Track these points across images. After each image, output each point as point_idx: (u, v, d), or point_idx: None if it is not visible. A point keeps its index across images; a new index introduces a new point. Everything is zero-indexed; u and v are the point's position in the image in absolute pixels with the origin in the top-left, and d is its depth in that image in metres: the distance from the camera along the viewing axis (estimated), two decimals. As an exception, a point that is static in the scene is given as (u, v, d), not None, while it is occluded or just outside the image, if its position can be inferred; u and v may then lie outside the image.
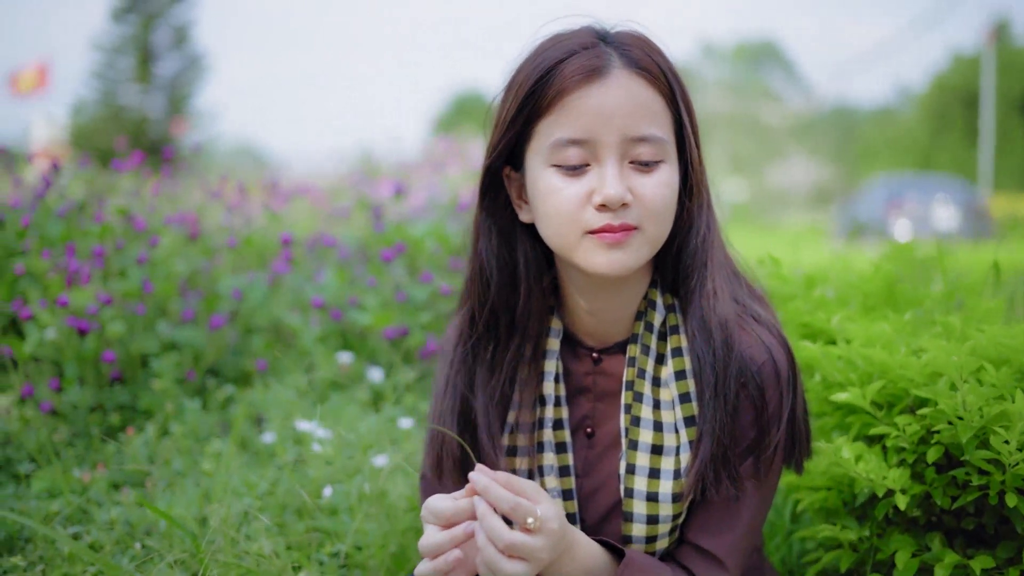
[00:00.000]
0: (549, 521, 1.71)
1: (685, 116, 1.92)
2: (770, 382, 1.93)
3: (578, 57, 1.84)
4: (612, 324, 2.03)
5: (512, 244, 2.00)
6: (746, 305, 2.01)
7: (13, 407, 3.65)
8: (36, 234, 4.43)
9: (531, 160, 1.90)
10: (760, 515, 2.00)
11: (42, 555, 2.71)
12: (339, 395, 3.53)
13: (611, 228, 1.83)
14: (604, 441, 2.04)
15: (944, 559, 2.14)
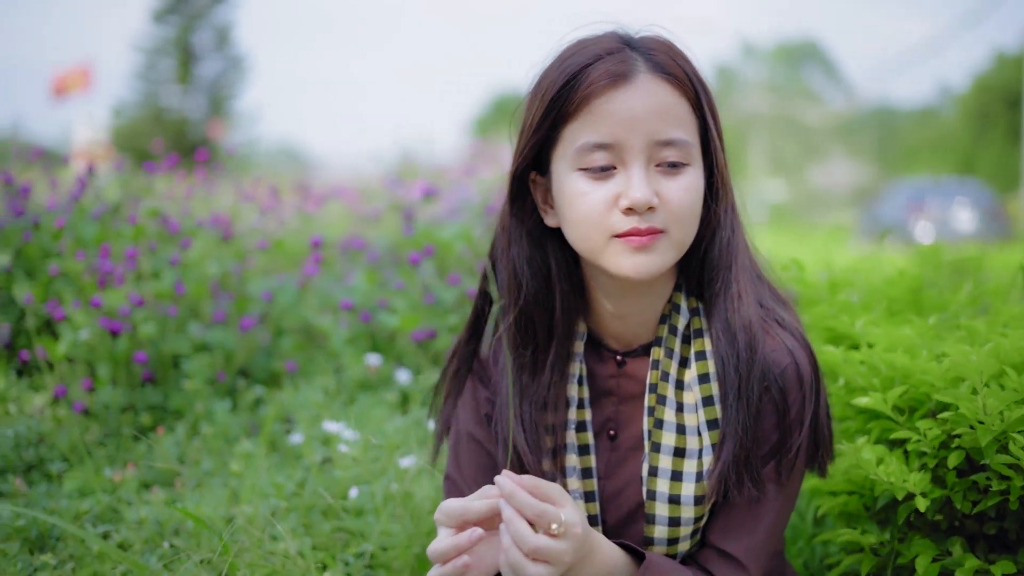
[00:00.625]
0: (574, 526, 1.73)
1: (710, 119, 1.93)
2: (793, 386, 1.94)
3: (604, 62, 1.85)
4: (637, 327, 2.03)
5: (543, 248, 2.00)
6: (770, 309, 2.02)
7: (47, 407, 3.70)
8: (71, 236, 4.48)
9: (557, 164, 1.91)
10: (782, 519, 2.00)
11: (72, 553, 2.74)
12: (367, 397, 3.55)
13: (638, 232, 1.84)
14: (627, 443, 2.05)
15: (965, 564, 2.14)
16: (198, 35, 40.12)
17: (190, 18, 39.88)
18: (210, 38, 40.24)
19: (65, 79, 21.04)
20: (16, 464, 3.41)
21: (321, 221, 6.18)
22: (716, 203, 1.97)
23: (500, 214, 2.05)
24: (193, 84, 40.16)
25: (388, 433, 3.04)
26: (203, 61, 40.34)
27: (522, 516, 1.72)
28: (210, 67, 40.40)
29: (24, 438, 3.48)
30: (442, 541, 1.77)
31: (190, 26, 39.93)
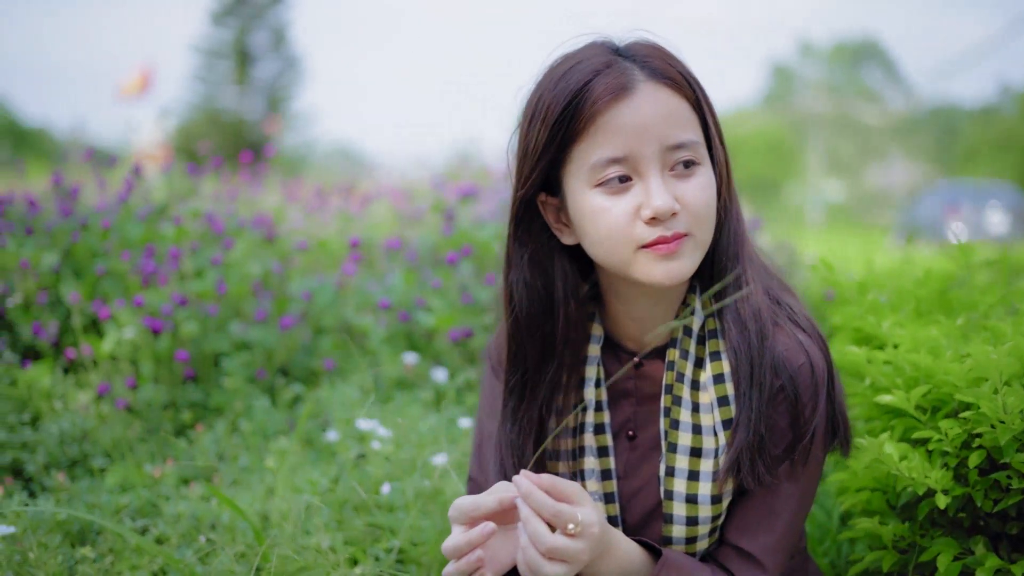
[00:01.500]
0: (591, 526, 1.76)
1: (708, 116, 1.96)
2: (806, 384, 1.95)
3: (602, 76, 1.86)
4: (653, 329, 2.05)
5: (546, 269, 2.01)
6: (779, 299, 2.05)
7: (91, 404, 3.77)
8: (118, 236, 4.56)
9: (571, 184, 1.92)
10: (799, 516, 2.02)
11: (111, 547, 2.79)
12: (403, 395, 3.59)
13: (664, 239, 1.86)
14: (646, 444, 2.07)
15: (986, 563, 2.14)
16: (255, 36, 40.42)
17: (247, 19, 40.18)
18: (267, 39, 40.53)
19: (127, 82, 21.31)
20: (60, 460, 3.48)
21: (367, 222, 6.23)
22: (720, 197, 1.99)
23: (506, 241, 2.05)
24: (250, 85, 40.47)
25: (421, 431, 3.08)
26: (260, 62, 40.64)
27: (539, 516, 1.75)
28: (267, 68, 40.71)
29: (68, 434, 3.55)
30: (455, 537, 1.81)
31: (247, 27, 40.24)
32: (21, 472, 3.45)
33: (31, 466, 3.41)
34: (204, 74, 40.92)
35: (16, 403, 3.81)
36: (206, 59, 40.98)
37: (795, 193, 49.20)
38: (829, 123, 54.24)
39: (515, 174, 1.97)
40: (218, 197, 5.36)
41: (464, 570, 1.81)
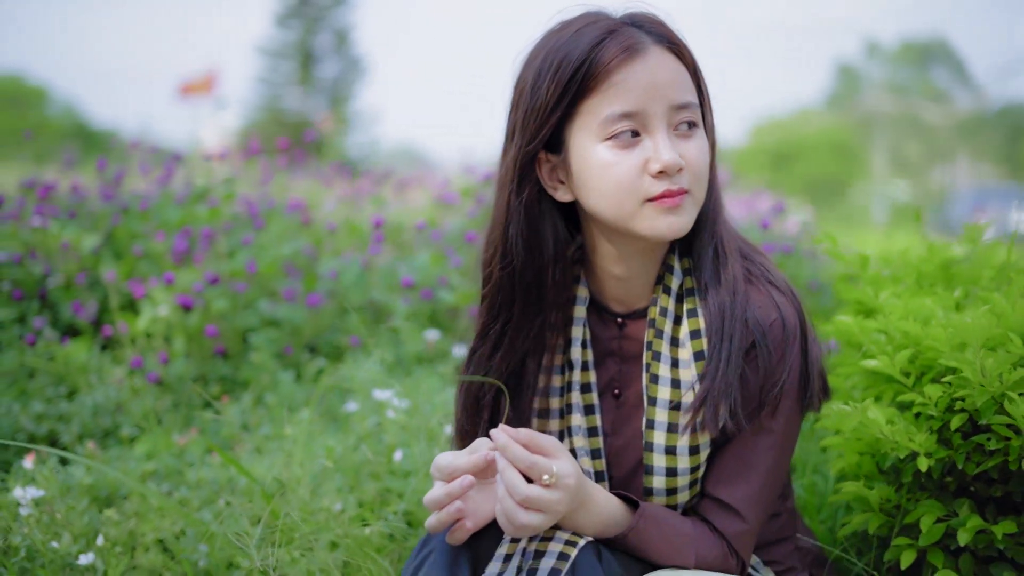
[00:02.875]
0: (566, 477, 1.84)
1: (703, 85, 2.06)
2: (777, 337, 2.02)
3: (615, 37, 1.94)
4: (637, 289, 2.13)
5: (538, 225, 2.06)
6: (753, 260, 2.13)
7: (125, 378, 3.89)
8: (157, 219, 4.69)
9: (576, 139, 1.98)
10: (776, 469, 2.07)
11: (136, 510, 2.91)
12: (423, 369, 3.68)
13: (671, 193, 1.94)
14: (631, 401, 2.14)
15: (967, 524, 2.19)
16: (318, 38, 40.62)
17: (311, 21, 40.41)
18: (330, 40, 40.70)
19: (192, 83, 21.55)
20: (93, 430, 3.62)
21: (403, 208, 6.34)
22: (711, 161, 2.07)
23: (500, 197, 2.09)
24: (313, 85, 40.68)
25: (436, 403, 3.17)
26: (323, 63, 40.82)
27: (515, 468, 1.83)
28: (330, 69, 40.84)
29: (102, 407, 3.68)
30: (436, 490, 1.90)
31: (311, 29, 40.47)
32: (56, 442, 3.58)
33: (66, 436, 3.54)
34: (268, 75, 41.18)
35: (54, 378, 3.95)
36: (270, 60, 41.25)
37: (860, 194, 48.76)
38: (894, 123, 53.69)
39: (519, 130, 2.01)
40: (256, 182, 5.48)
41: (444, 520, 1.90)
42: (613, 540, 1.98)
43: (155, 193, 5.11)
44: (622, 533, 1.97)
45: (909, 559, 2.25)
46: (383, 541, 2.66)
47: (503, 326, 2.12)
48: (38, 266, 4.50)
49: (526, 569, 1.89)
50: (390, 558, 2.66)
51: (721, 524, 2.05)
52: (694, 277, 2.09)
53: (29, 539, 2.72)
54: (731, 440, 2.05)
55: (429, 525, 1.92)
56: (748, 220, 5.27)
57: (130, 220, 4.77)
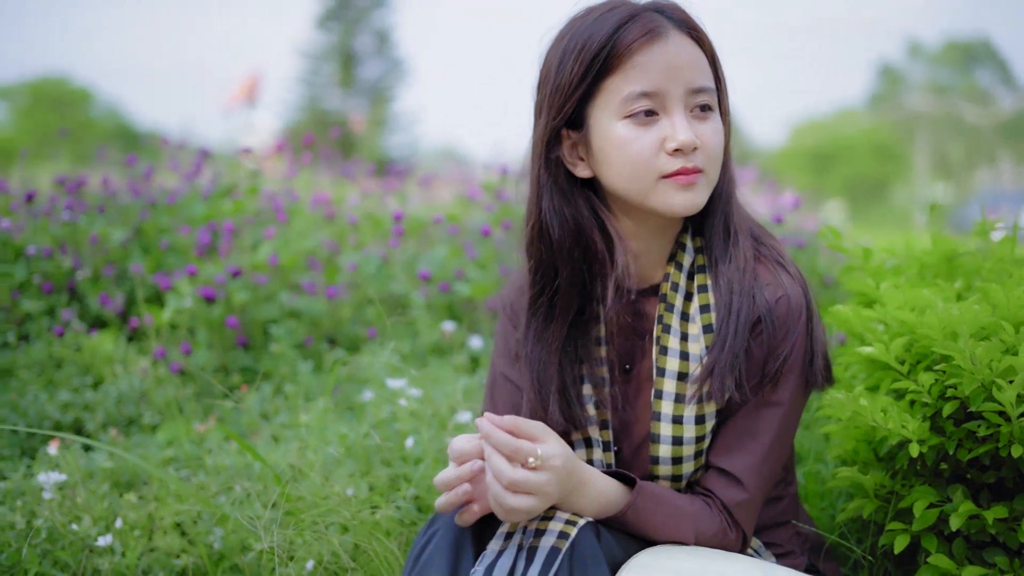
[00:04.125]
0: (552, 459, 1.89)
1: (720, 72, 2.15)
2: (783, 312, 2.10)
3: (636, 21, 2.04)
4: (650, 266, 2.20)
5: (571, 200, 2.14)
6: (763, 241, 2.21)
7: (149, 368, 3.98)
8: (184, 214, 4.78)
9: (597, 116, 2.07)
10: (780, 441, 2.13)
11: (155, 495, 2.98)
12: (439, 360, 3.73)
13: (686, 171, 2.03)
14: (641, 376, 2.21)
15: (959, 509, 2.22)
16: (359, 39, 40.78)
17: (351, 23, 40.56)
18: (371, 42, 40.86)
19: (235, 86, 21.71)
20: (117, 419, 3.70)
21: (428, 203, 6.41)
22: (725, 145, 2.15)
23: (531, 173, 2.19)
24: (354, 87, 40.85)
25: (449, 392, 3.23)
26: (364, 64, 40.99)
27: (501, 453, 1.89)
28: (371, 70, 40.98)
29: (126, 396, 3.76)
30: (447, 472, 1.98)
31: (351, 31, 40.62)
32: (81, 431, 3.66)
33: (90, 424, 3.62)
34: (309, 77, 41.40)
35: (81, 368, 4.05)
36: (311, 62, 41.45)
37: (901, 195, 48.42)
38: (936, 124, 53.28)
39: (545, 109, 2.11)
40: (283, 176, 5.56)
41: (453, 501, 1.97)
42: (612, 520, 2.03)
43: (183, 189, 5.20)
44: (621, 511, 2.02)
45: (903, 544, 2.27)
46: (392, 525, 2.71)
47: (551, 297, 2.19)
48: (68, 259, 4.59)
49: (527, 547, 1.95)
50: (399, 541, 2.72)
51: (721, 492, 2.10)
52: (705, 255, 2.17)
53: (50, 522, 2.80)
54: (735, 412, 2.11)
55: (438, 504, 1.99)
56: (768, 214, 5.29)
57: (158, 215, 4.86)
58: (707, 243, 2.17)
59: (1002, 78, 58.77)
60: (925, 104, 53.40)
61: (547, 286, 2.19)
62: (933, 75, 57.91)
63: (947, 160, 52.84)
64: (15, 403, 3.64)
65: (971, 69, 58.36)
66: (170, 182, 6.00)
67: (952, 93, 56.05)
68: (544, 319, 2.21)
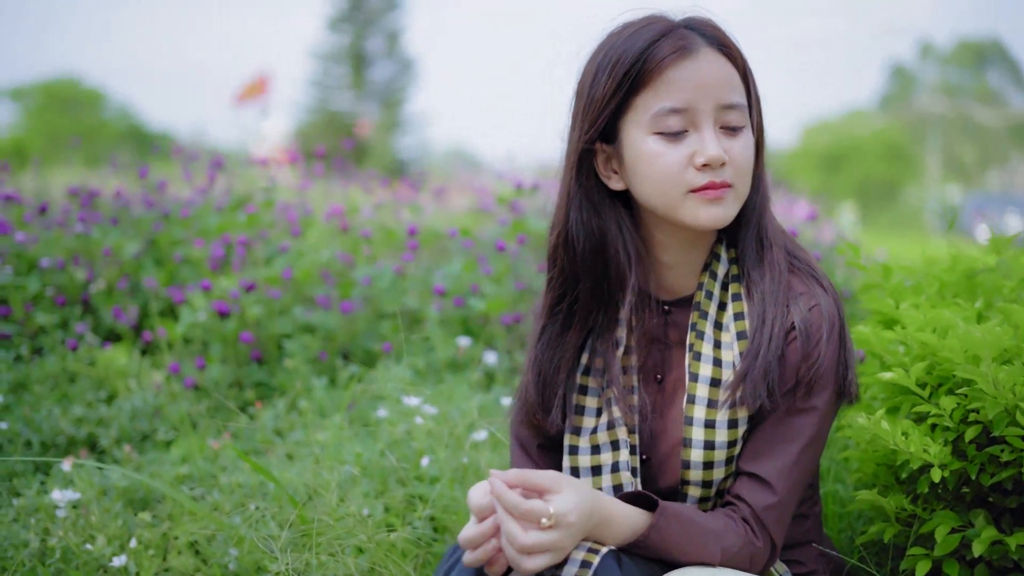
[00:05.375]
0: (565, 515, 1.87)
1: (752, 89, 2.16)
2: (816, 322, 2.10)
3: (668, 38, 2.05)
4: (684, 277, 2.22)
5: (600, 213, 2.17)
6: (796, 254, 2.22)
7: (163, 383, 3.97)
8: (197, 226, 4.76)
9: (628, 131, 2.09)
10: (810, 449, 2.12)
11: (170, 513, 2.97)
12: (454, 376, 3.72)
13: (713, 185, 2.05)
14: (672, 387, 2.21)
15: (982, 535, 2.20)
16: (370, 41, 40.87)
17: (362, 25, 40.65)
18: (381, 44, 40.95)
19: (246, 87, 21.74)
20: (131, 434, 3.69)
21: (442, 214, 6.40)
22: (757, 160, 2.17)
23: (562, 184, 2.22)
24: (365, 89, 40.94)
25: (465, 409, 3.21)
26: (375, 66, 41.09)
27: (512, 516, 1.88)
28: (382, 72, 41.11)
29: (140, 411, 3.76)
30: (469, 529, 1.95)
31: (362, 33, 40.71)
32: (95, 446, 3.66)
33: (104, 440, 3.61)
34: (320, 78, 41.50)
35: (94, 382, 4.04)
36: (322, 64, 41.56)
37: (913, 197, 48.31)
38: (948, 125, 53.15)
39: (578, 123, 2.14)
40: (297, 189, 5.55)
41: (481, 558, 1.95)
42: (635, 544, 2.01)
43: (197, 200, 5.20)
44: (644, 534, 2.00)
45: (924, 569, 2.26)
46: (408, 546, 2.70)
47: (570, 305, 2.22)
48: (81, 272, 4.59)
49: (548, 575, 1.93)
50: (415, 563, 2.71)
51: (750, 496, 2.09)
52: (739, 265, 2.19)
53: (64, 541, 2.79)
54: (766, 419, 2.11)
55: (466, 561, 1.97)
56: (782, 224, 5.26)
57: (171, 227, 4.86)
58: (740, 254, 2.19)
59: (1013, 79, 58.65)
60: (937, 105, 53.29)
61: (567, 294, 2.21)
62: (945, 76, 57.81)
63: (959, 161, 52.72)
64: (29, 418, 3.63)
65: (983, 70, 58.27)
66: (184, 191, 5.99)
67: (964, 94, 55.96)
68: (562, 326, 2.23)
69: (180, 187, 6.07)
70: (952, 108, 53.99)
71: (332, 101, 41.32)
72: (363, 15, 40.57)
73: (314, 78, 41.48)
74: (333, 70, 41.35)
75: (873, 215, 36.60)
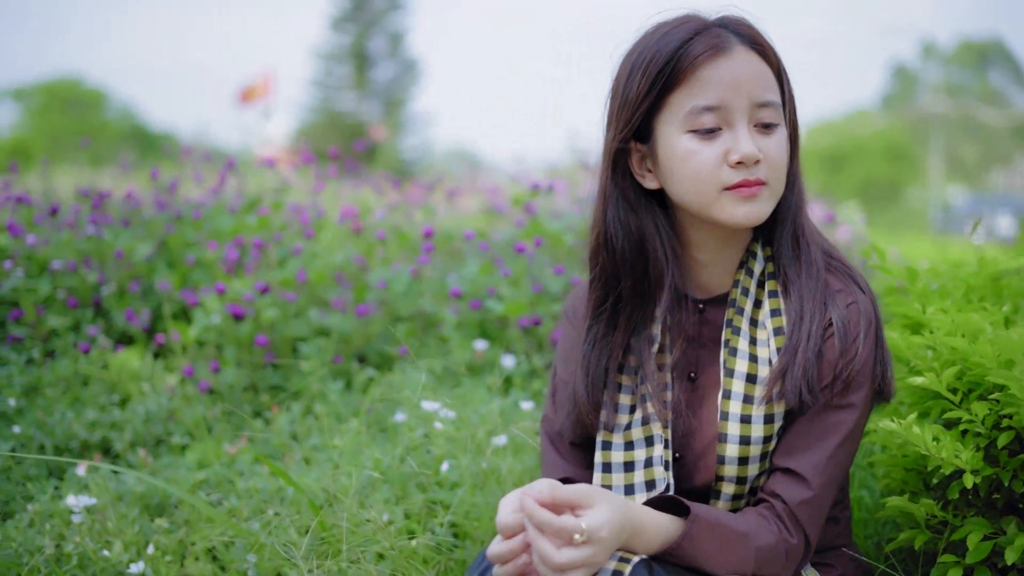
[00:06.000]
0: (598, 531, 1.84)
1: (786, 87, 2.17)
2: (854, 319, 2.11)
3: (702, 37, 2.06)
4: (720, 275, 2.23)
5: (637, 211, 2.19)
6: (832, 254, 2.23)
7: (177, 386, 3.94)
8: (209, 227, 4.74)
9: (663, 129, 2.10)
10: (846, 446, 2.11)
11: (186, 519, 2.95)
12: (472, 380, 3.69)
13: (747, 183, 2.06)
14: (706, 385, 2.22)
15: (1015, 542, 2.18)
16: (373, 41, 40.95)
17: (366, 25, 40.72)
18: (384, 44, 41.02)
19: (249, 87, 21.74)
20: (145, 438, 3.66)
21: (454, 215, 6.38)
22: (792, 158, 2.19)
23: (599, 183, 2.24)
24: (368, 89, 41.01)
25: (484, 414, 3.18)
26: (378, 66, 41.16)
27: (544, 534, 1.84)
28: (384, 72, 41.21)
29: (154, 415, 3.73)
30: (498, 545, 1.92)
31: (365, 33, 40.78)
32: (109, 450, 3.63)
33: (118, 444, 3.59)
34: (323, 78, 41.58)
35: (107, 385, 4.01)
36: (325, 63, 41.65)
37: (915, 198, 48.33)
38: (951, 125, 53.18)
39: (613, 122, 2.16)
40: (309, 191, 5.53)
41: (512, 573, 1.92)
42: (668, 552, 1.99)
43: (208, 201, 5.17)
44: (676, 542, 1.98)
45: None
46: (430, 553, 2.68)
47: (613, 305, 2.23)
48: (92, 274, 4.56)
49: None
50: (436, 570, 2.68)
51: (785, 491, 2.08)
52: (774, 263, 2.20)
53: (81, 547, 2.77)
54: (802, 415, 2.10)
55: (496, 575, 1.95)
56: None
57: (183, 228, 4.83)
58: (776, 251, 2.19)
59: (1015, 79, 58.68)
60: (939, 105, 53.31)
61: (610, 293, 2.23)
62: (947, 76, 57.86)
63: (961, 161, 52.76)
64: (42, 421, 3.60)
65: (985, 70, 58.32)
66: (192, 192, 5.97)
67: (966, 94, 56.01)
68: (607, 325, 2.25)
69: (189, 187, 6.05)
70: (955, 108, 54.05)
71: (335, 101, 41.41)
72: (366, 15, 40.66)
73: (316, 78, 41.56)
74: (336, 70, 41.44)
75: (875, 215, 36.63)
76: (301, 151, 5.70)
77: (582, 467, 2.32)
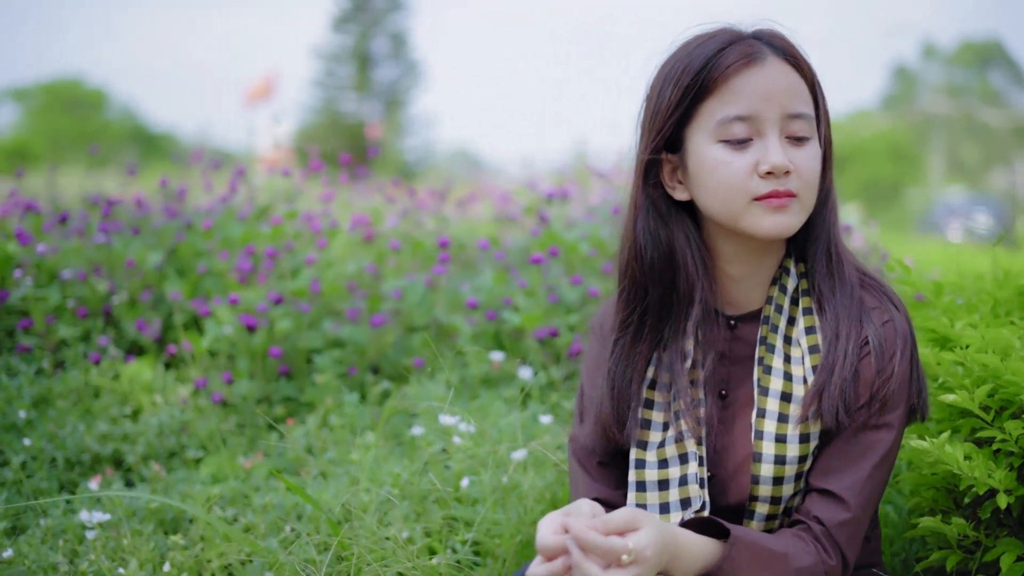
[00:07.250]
0: (644, 550, 1.82)
1: (820, 100, 2.15)
2: (890, 337, 2.09)
3: (735, 47, 2.05)
4: (751, 290, 2.20)
5: (668, 223, 2.17)
6: (865, 271, 2.20)
7: (189, 398, 3.90)
8: (220, 236, 4.70)
9: (693, 139, 2.09)
10: (882, 466, 2.08)
11: (202, 535, 2.91)
12: (489, 392, 3.66)
13: (777, 193, 2.03)
14: (738, 402, 2.19)
15: (1050, 563, 2.16)
16: (375, 42, 40.96)
17: (368, 26, 40.74)
18: (386, 45, 41.04)
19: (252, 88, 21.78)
20: (158, 451, 3.63)
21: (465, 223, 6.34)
22: (825, 174, 2.16)
23: (630, 194, 2.22)
24: (370, 89, 41.02)
25: (502, 427, 3.15)
26: (379, 67, 41.17)
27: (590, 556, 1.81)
28: (386, 73, 41.21)
29: (166, 427, 3.69)
30: (539, 567, 1.88)
31: (367, 33, 40.80)
32: (121, 463, 3.59)
33: (131, 457, 3.55)
34: (325, 79, 41.58)
35: (118, 396, 3.97)
36: (327, 64, 41.65)
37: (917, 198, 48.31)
38: (951, 125, 53.16)
39: (644, 133, 2.16)
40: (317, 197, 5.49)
41: None
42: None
43: (218, 208, 5.13)
44: (716, 564, 1.96)
45: (988, 597, 2.21)
46: (451, 572, 2.64)
47: (640, 316, 2.22)
48: (103, 283, 4.53)
49: None
50: (457, 589, 2.65)
51: (823, 513, 2.06)
52: (808, 279, 2.17)
53: (96, 565, 2.73)
54: (838, 435, 2.08)
55: None
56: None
57: (193, 237, 4.80)
58: (810, 268, 2.17)
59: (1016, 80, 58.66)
60: (940, 106, 53.28)
61: (637, 306, 2.21)
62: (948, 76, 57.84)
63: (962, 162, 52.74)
64: (53, 434, 3.56)
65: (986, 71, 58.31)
66: (200, 197, 5.94)
67: (967, 94, 55.99)
68: (632, 337, 2.23)
69: (197, 194, 6.01)
70: (955, 108, 54.00)
71: (336, 102, 41.40)
72: (368, 16, 40.67)
73: (318, 78, 41.55)
74: (337, 71, 41.44)
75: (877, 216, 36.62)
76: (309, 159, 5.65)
77: (612, 487, 2.29)
